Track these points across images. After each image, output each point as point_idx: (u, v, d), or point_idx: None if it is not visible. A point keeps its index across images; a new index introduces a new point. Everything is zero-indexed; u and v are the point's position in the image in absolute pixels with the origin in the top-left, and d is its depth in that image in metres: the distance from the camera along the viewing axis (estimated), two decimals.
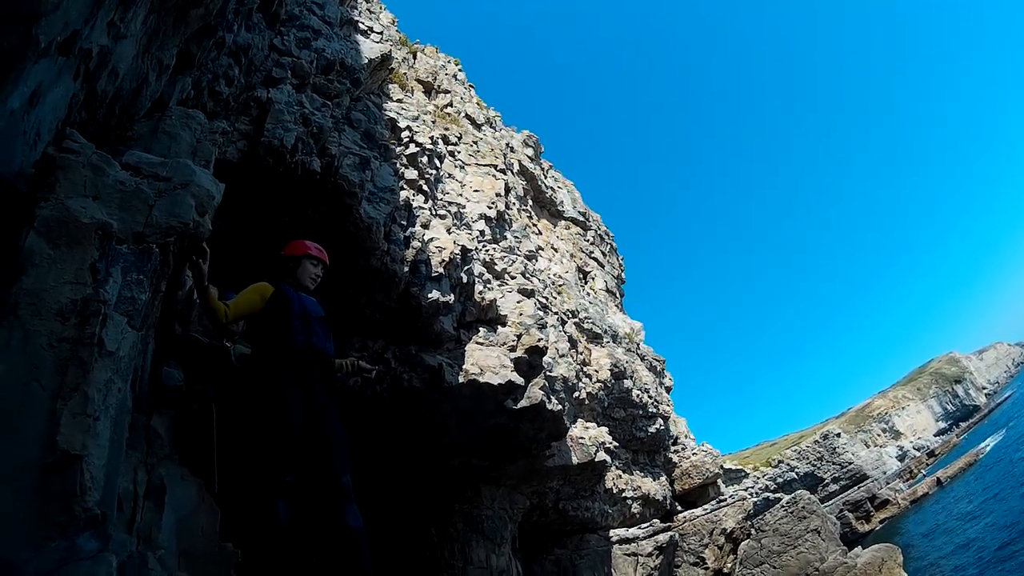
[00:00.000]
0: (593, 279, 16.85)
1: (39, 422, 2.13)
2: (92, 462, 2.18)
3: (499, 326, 9.52)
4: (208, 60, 4.46)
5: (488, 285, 9.95)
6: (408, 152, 8.75)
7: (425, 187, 8.84)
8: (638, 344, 17.02)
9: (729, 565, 15.52)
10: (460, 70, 13.70)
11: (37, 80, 2.30)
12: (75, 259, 2.43)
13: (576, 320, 13.15)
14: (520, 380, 8.72)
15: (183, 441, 3.58)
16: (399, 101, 9.40)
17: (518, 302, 10.48)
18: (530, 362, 9.24)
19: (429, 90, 11.82)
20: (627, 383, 14.22)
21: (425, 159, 9.13)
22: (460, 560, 9.67)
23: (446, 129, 10.87)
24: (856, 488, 52.02)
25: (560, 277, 13.75)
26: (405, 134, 8.83)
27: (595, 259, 17.54)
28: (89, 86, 2.85)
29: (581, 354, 12.68)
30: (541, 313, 10.79)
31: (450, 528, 9.91)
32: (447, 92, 12.23)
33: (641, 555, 13.57)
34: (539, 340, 9.75)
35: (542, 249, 13.90)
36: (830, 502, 47.98)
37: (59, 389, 2.19)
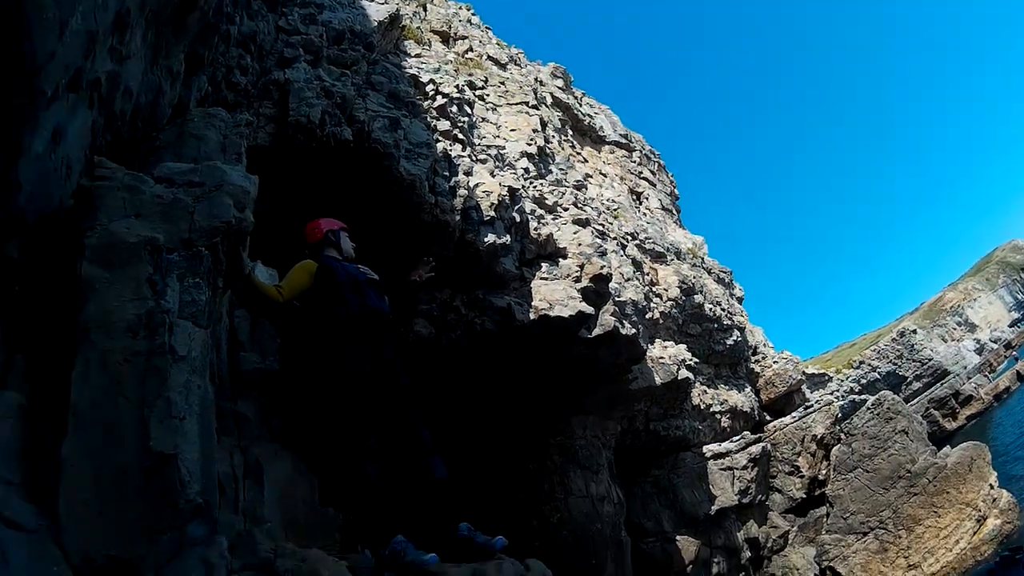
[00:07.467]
0: (647, 199, 16.47)
1: (133, 431, 2.30)
2: (186, 457, 2.35)
3: (560, 259, 9.50)
4: (218, 55, 4.52)
5: (542, 220, 9.92)
6: (436, 104, 8.67)
7: (460, 135, 8.79)
8: (702, 258, 16.68)
9: (824, 471, 15.28)
10: (473, 14, 13.34)
11: (54, 121, 2.38)
12: (131, 277, 2.56)
13: (637, 242, 12.95)
14: (589, 309, 8.74)
15: (271, 418, 3.80)
16: (417, 56, 9.26)
17: (575, 233, 10.39)
18: (596, 290, 9.21)
19: (446, 39, 11.58)
20: (697, 298, 14.02)
21: (455, 108, 9.04)
22: (561, 491, 9.97)
23: (470, 75, 10.68)
24: (939, 385, 48.83)
25: (613, 201, 13.50)
26: (430, 87, 8.74)
27: (645, 179, 17.09)
28: (107, 110, 2.94)
29: (647, 275, 12.52)
30: (600, 240, 10.68)
31: (547, 461, 10.18)
32: (464, 38, 11.95)
33: (736, 468, 13.52)
34: (602, 268, 9.68)
35: (590, 176, 13.64)
36: (915, 400, 45.79)
37: (143, 399, 2.35)
